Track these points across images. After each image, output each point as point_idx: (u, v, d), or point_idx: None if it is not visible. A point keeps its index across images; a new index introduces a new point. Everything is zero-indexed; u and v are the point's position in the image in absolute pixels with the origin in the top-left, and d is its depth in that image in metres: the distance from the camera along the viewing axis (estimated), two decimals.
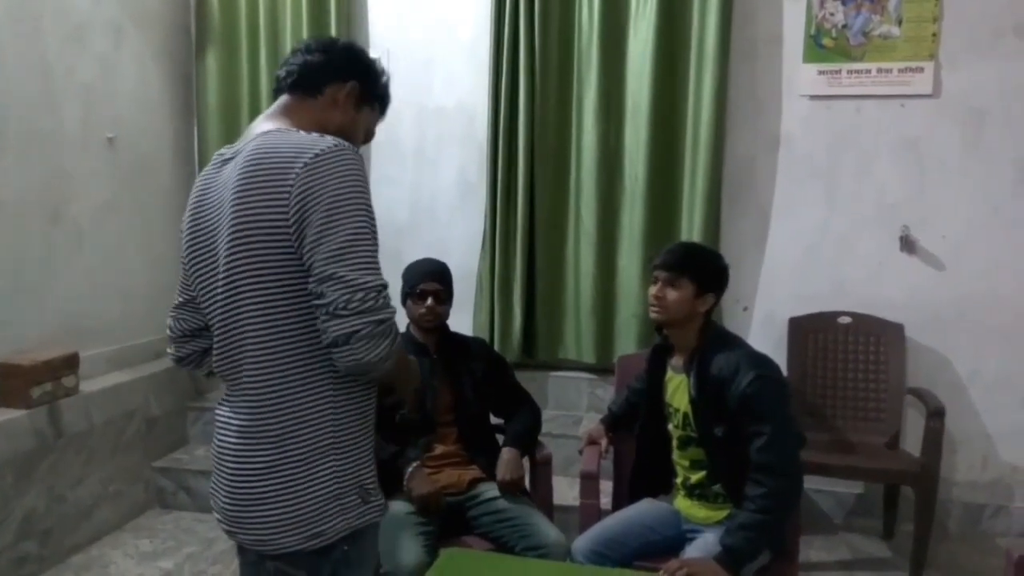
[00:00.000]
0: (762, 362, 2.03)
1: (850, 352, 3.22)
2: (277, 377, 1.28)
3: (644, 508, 2.24)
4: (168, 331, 1.52)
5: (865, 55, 3.24)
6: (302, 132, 1.31)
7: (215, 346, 1.38)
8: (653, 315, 2.12)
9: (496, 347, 3.45)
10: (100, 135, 3.28)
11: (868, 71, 3.25)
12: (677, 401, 2.14)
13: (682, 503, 2.20)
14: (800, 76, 3.32)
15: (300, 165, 1.23)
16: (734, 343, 2.11)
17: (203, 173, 1.43)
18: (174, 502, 3.42)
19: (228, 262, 1.29)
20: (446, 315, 2.42)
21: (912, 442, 3.10)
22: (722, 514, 2.10)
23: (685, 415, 2.11)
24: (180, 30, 3.80)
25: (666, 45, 3.33)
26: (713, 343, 2.08)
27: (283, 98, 1.44)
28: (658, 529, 2.17)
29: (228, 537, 1.38)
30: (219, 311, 1.34)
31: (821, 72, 3.30)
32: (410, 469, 2.20)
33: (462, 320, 3.19)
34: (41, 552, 2.83)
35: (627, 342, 3.45)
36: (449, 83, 3.66)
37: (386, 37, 3.70)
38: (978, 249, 3.21)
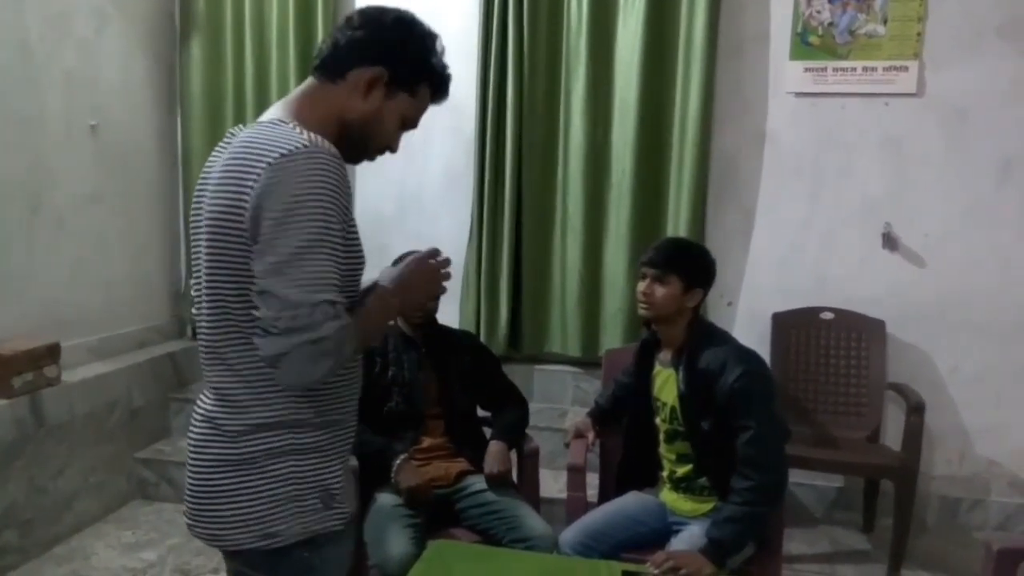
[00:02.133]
0: (750, 357, 2.05)
1: (832, 348, 3.26)
2: (236, 373, 1.23)
3: (630, 501, 2.26)
4: (192, 300, 1.44)
5: (851, 53, 3.27)
6: (291, 126, 1.20)
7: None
8: (642, 311, 2.13)
9: (482, 340, 3.45)
10: (82, 123, 3.24)
11: (853, 69, 3.27)
12: (665, 395, 2.16)
13: (668, 496, 2.22)
14: (786, 73, 3.34)
15: (264, 164, 1.14)
16: (722, 338, 2.13)
17: (213, 153, 1.32)
18: (156, 493, 3.40)
19: (206, 253, 1.23)
20: (435, 309, 2.42)
21: (892, 437, 3.15)
22: (707, 507, 2.12)
23: (673, 409, 2.12)
24: (164, 17, 3.75)
25: (654, 41, 3.34)
26: (701, 338, 2.10)
27: (307, 82, 1.31)
28: (644, 521, 2.18)
29: (189, 531, 1.32)
30: (199, 299, 1.28)
31: (807, 69, 3.32)
32: (398, 461, 2.20)
33: (449, 313, 3.18)
34: (22, 543, 2.80)
35: (613, 336, 3.47)
36: None
37: None
38: (959, 247, 3.25)
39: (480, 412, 2.54)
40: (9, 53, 2.88)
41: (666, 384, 2.16)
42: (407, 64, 1.31)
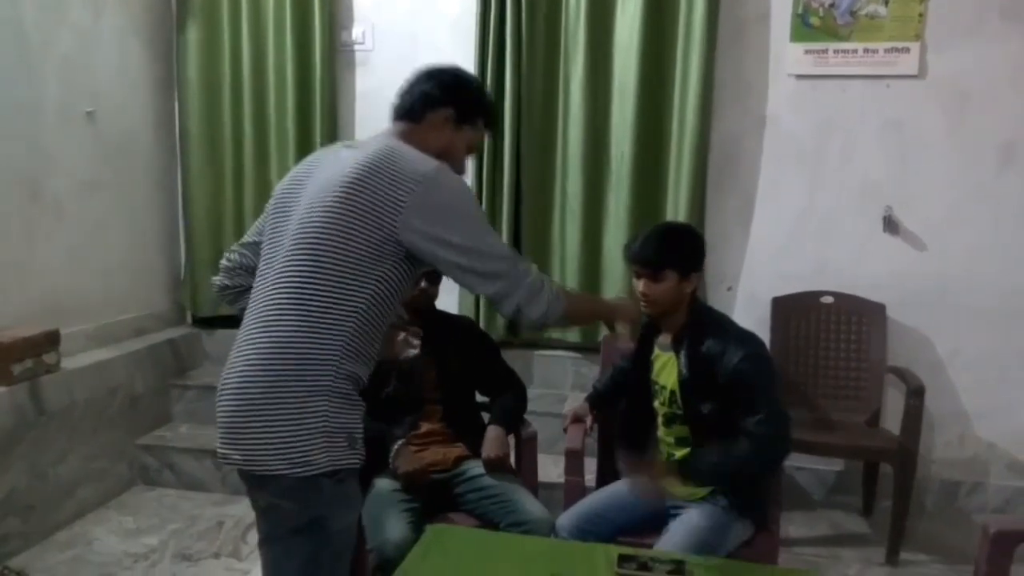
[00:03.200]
0: (751, 340, 2.06)
1: (832, 331, 3.25)
2: (308, 318, 1.44)
3: (627, 485, 2.26)
4: (225, 261, 1.71)
5: (852, 35, 3.24)
6: (417, 151, 1.55)
7: (252, 292, 1.56)
8: (645, 310, 2.11)
9: (481, 326, 3.45)
10: (79, 109, 3.23)
11: (855, 51, 3.25)
12: (664, 379, 2.16)
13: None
14: (787, 55, 3.32)
15: (420, 174, 1.47)
16: (721, 320, 2.13)
17: (319, 151, 1.70)
18: (158, 479, 3.41)
19: (309, 219, 1.48)
20: (436, 295, 2.42)
21: (892, 420, 3.15)
22: (705, 490, 2.12)
23: (672, 392, 2.12)
24: (160, 2, 3.73)
25: (653, 23, 3.31)
26: (701, 321, 2.10)
27: (395, 124, 1.67)
28: (641, 505, 2.18)
29: (223, 462, 1.50)
30: (276, 256, 1.51)
31: (808, 51, 3.29)
32: (396, 446, 2.21)
33: (448, 299, 3.17)
34: (24, 529, 2.82)
35: None
36: (434, 59, 3.59)
37: (370, 11, 3.66)
38: (960, 230, 3.24)
39: (479, 397, 2.54)
40: (5, 40, 2.87)
41: (665, 368, 2.16)
42: (467, 104, 1.69)
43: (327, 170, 1.54)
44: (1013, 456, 3.29)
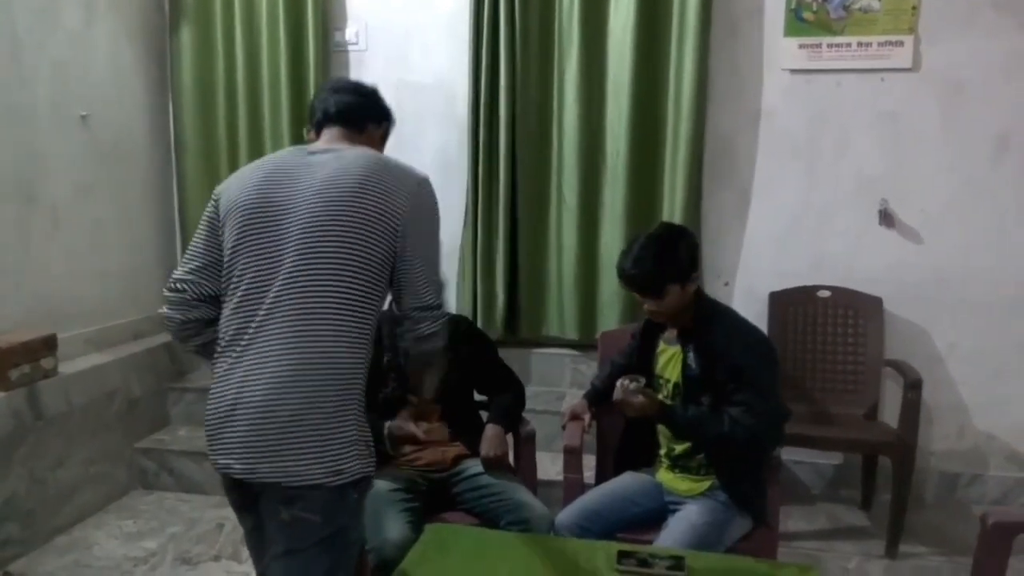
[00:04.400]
0: (755, 333, 2.09)
1: (829, 325, 3.26)
2: (338, 332, 1.47)
3: (626, 481, 2.27)
4: (174, 294, 1.61)
5: (845, 28, 3.24)
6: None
7: (238, 307, 1.51)
8: (656, 320, 2.19)
9: (479, 324, 3.45)
10: (73, 113, 3.23)
11: (848, 45, 3.25)
12: (669, 372, 2.17)
13: (664, 476, 2.22)
14: (781, 50, 3.32)
15: (414, 183, 1.56)
16: (727, 313, 2.17)
17: (280, 156, 1.66)
18: (157, 483, 3.41)
19: (318, 231, 1.48)
20: None
21: (890, 413, 3.15)
22: (704, 485, 2.13)
23: (676, 385, 2.14)
24: (153, 5, 3.72)
25: (647, 19, 3.30)
26: (707, 315, 2.12)
27: (334, 130, 1.68)
28: (640, 502, 2.19)
29: (239, 476, 1.48)
30: (275, 271, 1.49)
31: (802, 46, 3.29)
32: (390, 423, 2.22)
33: (445, 297, 3.18)
34: (23, 534, 2.82)
35: (609, 318, 3.47)
36: (428, 58, 3.62)
37: (363, 9, 3.65)
38: (956, 223, 3.24)
39: (477, 396, 2.54)
40: None
41: (670, 362, 2.18)
42: (392, 122, 1.82)
43: (310, 179, 1.53)
44: (1012, 448, 3.30)
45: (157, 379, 3.58)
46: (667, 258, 2.06)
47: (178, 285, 1.60)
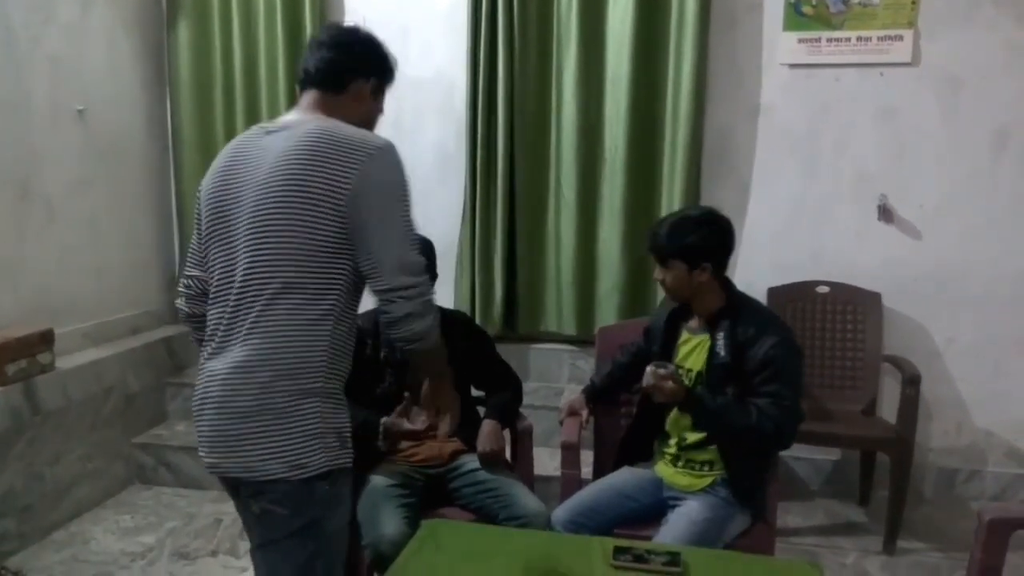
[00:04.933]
0: (787, 328, 2.09)
1: (828, 321, 3.25)
2: (289, 321, 1.42)
3: (623, 477, 2.26)
4: (184, 289, 1.62)
5: (845, 23, 3.23)
6: (352, 127, 1.48)
7: (213, 302, 1.51)
8: (668, 295, 2.20)
9: (477, 319, 3.44)
10: (69, 108, 3.22)
11: (848, 39, 3.23)
12: (691, 362, 2.17)
13: (665, 470, 2.21)
14: (780, 44, 3.30)
15: (365, 154, 1.41)
16: (757, 306, 2.18)
17: (240, 139, 1.57)
18: (154, 478, 3.41)
19: (265, 217, 1.42)
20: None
21: (888, 409, 3.15)
22: (705, 481, 2.12)
23: (699, 374, 2.13)
24: None
25: (646, 14, 3.29)
26: (736, 305, 2.11)
27: (311, 93, 1.58)
28: (637, 497, 2.18)
29: (210, 470, 1.49)
30: (234, 261, 1.46)
31: (801, 40, 3.28)
32: (387, 418, 2.20)
33: (443, 293, 3.16)
34: (20, 529, 2.81)
35: (608, 313, 3.46)
36: (426, 52, 3.61)
37: (361, 5, 3.64)
38: (955, 218, 3.23)
39: (474, 392, 2.54)
40: None
41: (694, 351, 2.17)
42: (386, 73, 1.65)
43: (260, 163, 1.47)
44: (1010, 443, 3.29)
45: (155, 374, 3.58)
46: (680, 234, 2.09)
47: (184, 281, 1.63)
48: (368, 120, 1.62)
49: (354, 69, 1.59)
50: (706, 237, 2.10)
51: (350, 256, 1.44)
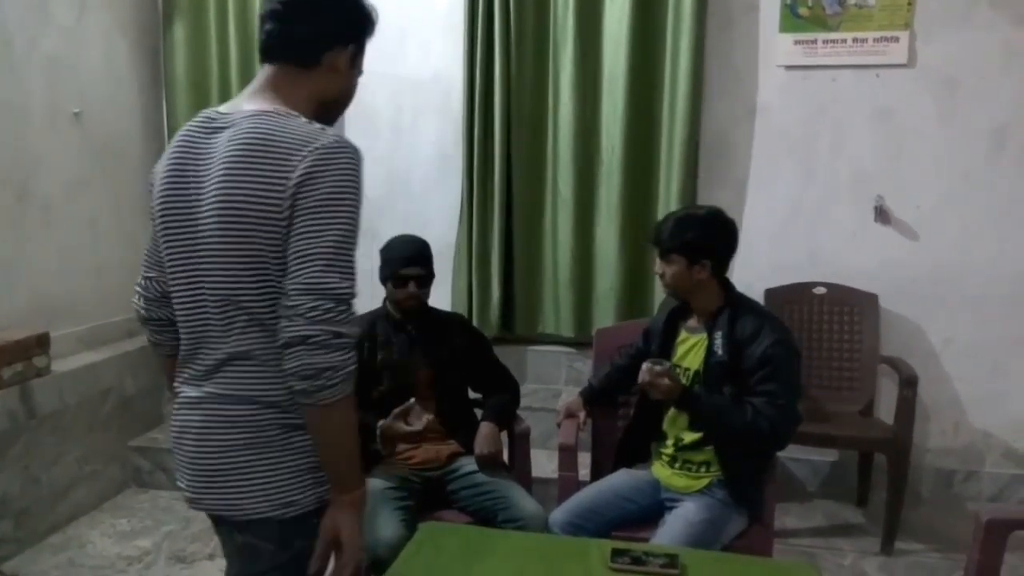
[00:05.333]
0: (786, 329, 2.10)
1: (825, 322, 3.25)
2: (253, 356, 1.27)
3: (621, 479, 2.26)
4: (142, 290, 1.47)
5: (841, 24, 3.23)
6: (301, 119, 1.26)
7: (182, 316, 1.34)
8: (665, 288, 2.22)
9: (474, 321, 3.44)
10: (66, 109, 3.21)
11: (844, 41, 3.24)
12: (689, 361, 2.17)
13: (662, 472, 2.21)
14: (776, 46, 3.31)
15: (300, 157, 1.20)
16: (755, 305, 2.18)
17: (186, 133, 1.34)
18: (151, 481, 3.40)
19: (217, 241, 1.25)
20: (427, 296, 2.40)
21: (886, 410, 3.14)
22: (702, 482, 2.12)
23: (697, 373, 2.14)
24: (146, 1, 3.70)
25: (643, 14, 3.30)
26: (736, 305, 2.12)
27: (272, 69, 1.33)
28: (635, 499, 2.18)
29: (190, 506, 1.36)
30: (194, 284, 1.30)
31: (797, 42, 3.28)
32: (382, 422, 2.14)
33: (440, 295, 3.17)
34: (16, 534, 2.80)
35: (605, 315, 3.46)
36: (424, 53, 3.61)
37: None
38: (951, 219, 3.24)
39: (471, 394, 2.53)
40: None
41: (692, 350, 2.18)
42: (367, 34, 1.39)
43: (207, 171, 1.27)
44: (1008, 444, 3.30)
45: (151, 377, 3.56)
46: (682, 230, 2.12)
47: (142, 282, 1.47)
48: (345, 94, 1.40)
49: (329, 37, 1.33)
50: (708, 235, 2.13)
51: None
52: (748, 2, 3.31)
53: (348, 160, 1.22)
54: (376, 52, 3.91)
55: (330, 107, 1.38)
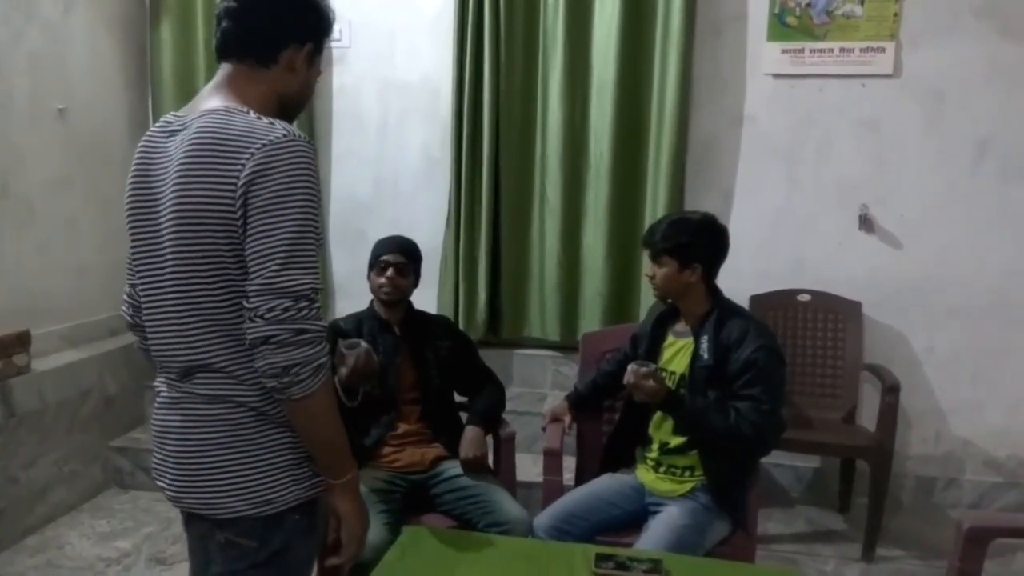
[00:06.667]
0: (769, 334, 2.11)
1: (809, 329, 3.27)
2: (227, 353, 1.26)
3: (605, 483, 2.26)
4: (128, 298, 1.46)
5: (828, 34, 3.26)
6: (252, 114, 1.25)
7: (149, 326, 1.34)
8: (653, 292, 2.23)
9: (461, 325, 3.44)
10: (50, 106, 3.17)
11: (831, 50, 3.26)
12: (675, 365, 2.18)
13: (646, 476, 2.21)
14: (764, 55, 3.33)
15: (248, 154, 1.19)
16: (742, 311, 2.20)
17: (147, 138, 1.35)
18: (132, 482, 3.37)
19: (174, 246, 1.25)
20: (408, 290, 2.40)
21: (868, 417, 3.17)
22: (686, 487, 2.13)
23: (682, 377, 2.15)
24: None
25: (632, 22, 3.31)
26: (723, 307, 2.14)
27: (229, 68, 1.33)
28: (619, 504, 2.19)
29: (173, 504, 1.37)
30: (158, 290, 1.30)
31: (784, 51, 3.31)
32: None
33: (427, 298, 3.16)
34: None
35: (591, 320, 3.46)
36: (412, 57, 3.60)
37: (346, 6, 3.62)
38: (935, 228, 3.27)
39: (457, 397, 2.53)
40: None
41: (678, 354, 2.19)
42: (324, 34, 1.40)
43: (165, 175, 1.28)
44: (988, 452, 3.33)
45: (133, 376, 3.53)
46: (675, 233, 2.14)
47: (127, 289, 1.47)
48: (303, 93, 1.40)
49: (286, 34, 1.33)
50: (701, 239, 2.15)
51: None
52: (736, 11, 3.33)
53: (297, 153, 1.21)
54: (365, 55, 3.92)
55: (288, 107, 1.39)
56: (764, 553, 2.79)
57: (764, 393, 2.01)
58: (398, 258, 2.34)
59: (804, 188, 3.36)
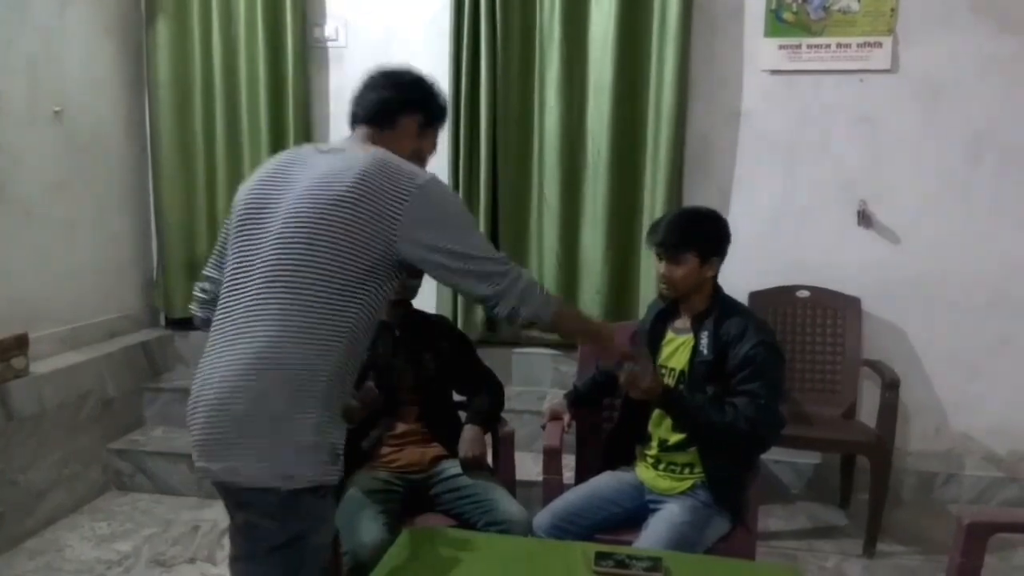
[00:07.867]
0: (768, 330, 2.10)
1: (808, 325, 3.27)
2: (302, 330, 1.42)
3: (605, 481, 2.25)
4: (201, 293, 1.65)
5: (825, 30, 3.26)
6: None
7: (221, 306, 1.50)
8: (664, 291, 2.17)
9: (459, 324, 3.44)
10: (46, 109, 3.17)
11: (828, 46, 3.26)
12: (675, 361, 2.17)
13: (646, 474, 2.21)
14: (761, 51, 3.32)
15: (413, 187, 1.46)
16: (742, 308, 2.18)
17: (290, 152, 1.64)
18: (131, 484, 3.36)
19: (301, 225, 1.44)
20: (414, 290, 2.39)
21: (868, 413, 3.17)
22: (685, 484, 2.12)
23: (682, 373, 2.14)
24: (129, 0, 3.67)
25: (628, 19, 3.30)
26: (723, 305, 2.13)
27: (363, 129, 1.65)
28: (619, 502, 2.18)
29: (200, 475, 1.49)
30: (256, 260, 1.47)
31: (782, 47, 3.30)
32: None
33: (426, 297, 3.14)
34: None
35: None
36: (410, 58, 3.55)
37: (343, 6, 3.62)
38: (933, 223, 3.26)
39: (456, 397, 2.53)
40: None
41: (678, 351, 2.18)
42: (434, 108, 1.73)
43: (306, 178, 1.50)
44: (988, 447, 3.33)
45: (132, 379, 3.53)
46: (694, 227, 2.13)
47: (202, 285, 1.65)
48: (418, 156, 1.67)
49: (402, 103, 1.66)
50: (718, 231, 2.16)
51: (382, 280, 1.48)
52: (733, 7, 3.33)
53: (445, 189, 1.56)
54: (362, 54, 3.93)
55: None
56: (764, 549, 2.78)
57: (762, 389, 2.00)
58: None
59: (802, 184, 3.36)
